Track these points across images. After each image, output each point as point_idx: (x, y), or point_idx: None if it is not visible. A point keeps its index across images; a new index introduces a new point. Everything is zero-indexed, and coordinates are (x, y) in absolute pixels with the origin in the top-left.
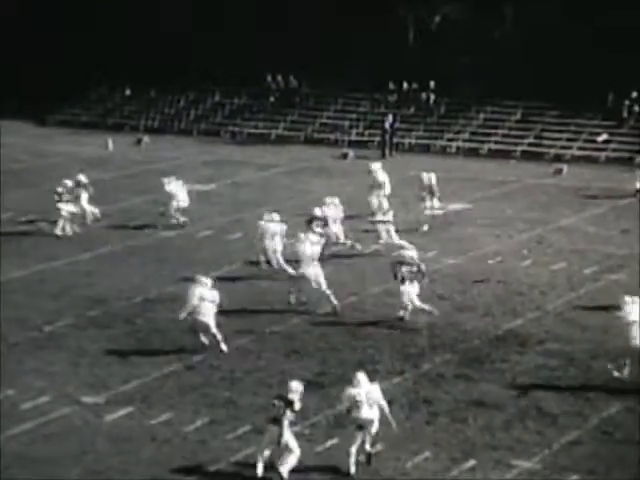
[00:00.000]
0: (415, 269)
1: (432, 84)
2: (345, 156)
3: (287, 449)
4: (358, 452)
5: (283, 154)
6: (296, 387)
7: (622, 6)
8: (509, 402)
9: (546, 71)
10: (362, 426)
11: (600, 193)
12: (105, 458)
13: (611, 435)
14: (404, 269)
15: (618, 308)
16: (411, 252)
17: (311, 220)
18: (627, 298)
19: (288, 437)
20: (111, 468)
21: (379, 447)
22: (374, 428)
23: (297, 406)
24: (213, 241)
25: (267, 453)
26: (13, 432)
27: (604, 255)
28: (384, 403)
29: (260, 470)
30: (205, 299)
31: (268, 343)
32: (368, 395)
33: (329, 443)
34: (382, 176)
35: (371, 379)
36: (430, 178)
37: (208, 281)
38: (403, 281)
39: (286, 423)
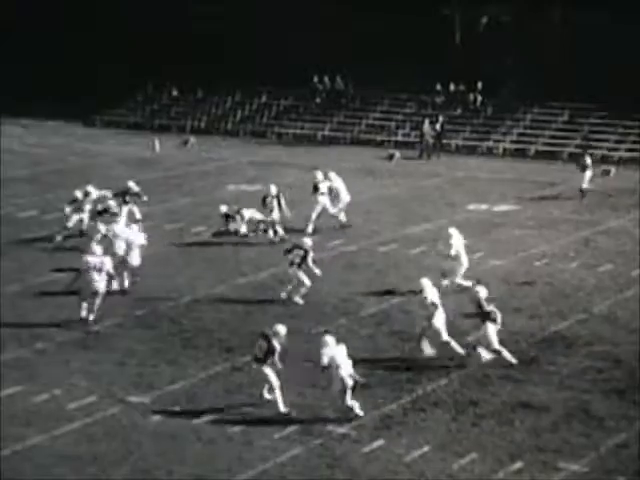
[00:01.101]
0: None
1: (479, 85)
2: (391, 157)
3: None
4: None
5: (329, 155)
6: (280, 330)
7: None
8: (556, 404)
9: (593, 72)
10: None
11: None
12: (150, 458)
13: None
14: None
15: None
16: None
17: None
18: None
19: (270, 373)
20: (156, 467)
21: (425, 449)
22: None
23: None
24: (260, 242)
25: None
26: (59, 432)
27: None
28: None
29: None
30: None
31: (314, 344)
32: (339, 355)
33: (375, 444)
34: (325, 186)
35: (416, 381)
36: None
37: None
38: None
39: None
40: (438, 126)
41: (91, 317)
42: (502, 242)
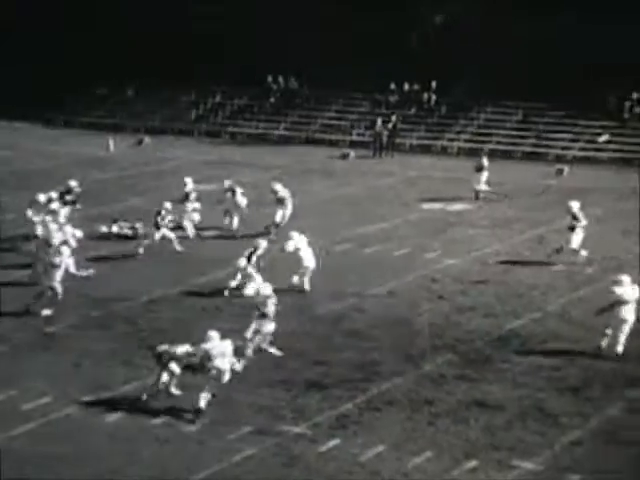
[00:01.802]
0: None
1: (433, 84)
2: (346, 156)
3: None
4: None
5: (284, 154)
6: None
7: (622, 9)
8: (510, 402)
9: (547, 72)
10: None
11: (601, 194)
12: (106, 459)
13: (612, 435)
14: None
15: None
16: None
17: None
18: (623, 277)
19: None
20: (111, 468)
21: (380, 448)
22: (226, 377)
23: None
24: (215, 243)
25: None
26: (15, 432)
27: (604, 255)
28: (234, 359)
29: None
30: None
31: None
32: (220, 349)
33: (331, 444)
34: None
35: (373, 380)
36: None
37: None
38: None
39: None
40: (391, 125)
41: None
42: (456, 241)
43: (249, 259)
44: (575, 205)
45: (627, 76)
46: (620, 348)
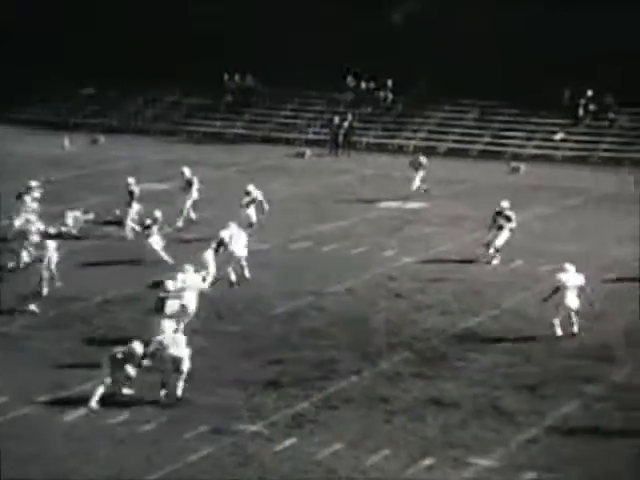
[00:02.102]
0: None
1: (389, 83)
2: (302, 155)
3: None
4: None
5: (240, 153)
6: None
7: (578, 8)
8: (466, 400)
9: (502, 70)
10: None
11: (557, 191)
12: (62, 458)
13: (568, 432)
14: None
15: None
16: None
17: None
18: (567, 265)
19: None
20: (68, 468)
21: (337, 447)
22: (184, 366)
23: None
24: (169, 241)
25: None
26: None
27: (559, 253)
28: (186, 350)
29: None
30: None
31: (226, 342)
32: (175, 340)
33: (287, 442)
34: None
35: (330, 378)
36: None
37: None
38: None
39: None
40: (347, 124)
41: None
42: (413, 239)
43: (216, 251)
44: (506, 204)
45: (581, 74)
46: (575, 328)
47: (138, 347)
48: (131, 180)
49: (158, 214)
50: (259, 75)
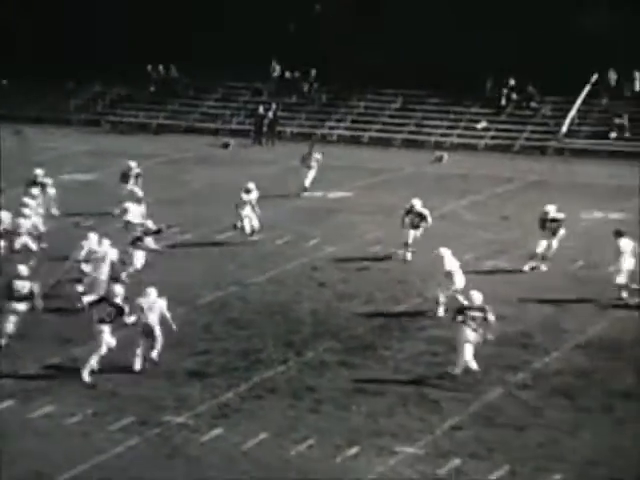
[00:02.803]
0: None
1: (313, 73)
2: (226, 145)
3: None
4: (144, 355)
5: (164, 144)
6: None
7: None
8: (392, 389)
9: (426, 59)
10: (147, 331)
11: (480, 180)
12: None
13: (492, 419)
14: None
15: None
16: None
17: None
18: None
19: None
20: None
21: (263, 436)
22: (157, 333)
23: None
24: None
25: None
26: None
27: (484, 241)
28: (167, 314)
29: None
30: None
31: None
32: (154, 305)
33: (213, 433)
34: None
35: (255, 368)
36: None
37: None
38: None
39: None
40: (271, 114)
41: None
42: (337, 228)
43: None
44: (417, 202)
45: (505, 62)
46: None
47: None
48: (39, 171)
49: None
50: (182, 65)
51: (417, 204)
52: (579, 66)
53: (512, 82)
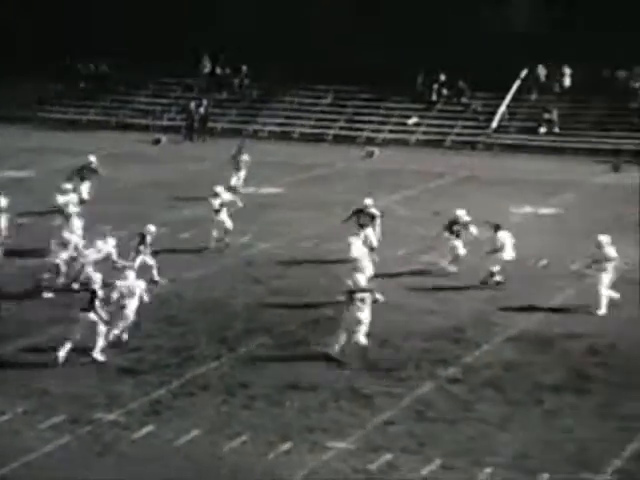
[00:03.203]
0: None
1: (244, 69)
2: (158, 141)
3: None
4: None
5: (94, 140)
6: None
7: None
8: (324, 384)
9: (357, 55)
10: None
11: (411, 175)
12: None
13: (423, 413)
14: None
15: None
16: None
17: None
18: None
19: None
20: None
21: (195, 433)
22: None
23: None
24: (31, 228)
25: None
26: None
27: (416, 237)
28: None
29: None
30: None
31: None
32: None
33: (144, 430)
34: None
35: (186, 365)
36: None
37: None
38: None
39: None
40: (203, 109)
41: None
42: (270, 225)
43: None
44: (369, 202)
45: (435, 57)
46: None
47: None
48: None
49: (152, 228)
50: (113, 61)
51: (369, 203)
52: (509, 62)
53: (443, 78)
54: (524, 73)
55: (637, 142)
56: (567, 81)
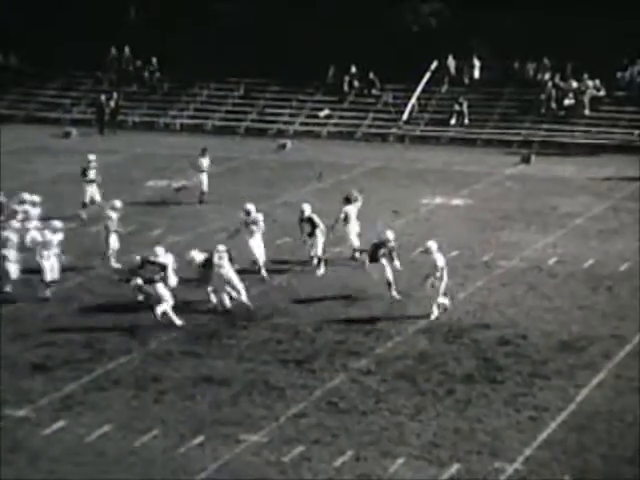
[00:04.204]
0: None
1: (154, 61)
2: (68, 135)
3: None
4: None
5: (3, 134)
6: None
7: None
8: (236, 377)
9: (267, 47)
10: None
11: (323, 167)
12: None
13: (335, 405)
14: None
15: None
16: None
17: None
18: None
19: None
20: None
21: (106, 428)
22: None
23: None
24: None
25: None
26: None
27: (328, 228)
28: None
29: None
30: None
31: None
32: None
33: (55, 426)
34: None
35: (97, 360)
36: None
37: None
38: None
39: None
40: (113, 103)
41: None
42: (181, 218)
43: None
44: (307, 207)
45: (346, 50)
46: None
47: None
48: None
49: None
50: (21, 53)
51: (307, 209)
52: (419, 54)
53: (354, 70)
54: (434, 65)
55: (546, 134)
56: (477, 73)
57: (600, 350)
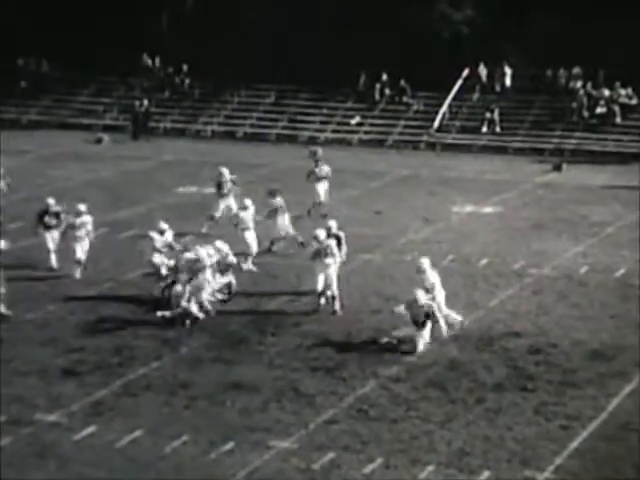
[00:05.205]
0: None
1: (185, 68)
2: (100, 141)
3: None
4: None
5: (36, 140)
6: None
7: None
8: (266, 384)
9: (299, 54)
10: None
11: (353, 175)
12: None
13: (365, 413)
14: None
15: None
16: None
17: None
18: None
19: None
20: None
21: (137, 434)
22: None
23: None
24: None
25: None
26: None
27: (358, 236)
28: None
29: None
30: None
31: (23, 332)
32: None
33: (85, 431)
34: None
35: (128, 365)
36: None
37: None
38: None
39: None
40: (144, 109)
41: None
42: (214, 224)
43: None
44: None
45: (377, 57)
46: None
47: None
48: None
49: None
50: (56, 60)
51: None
52: (451, 61)
53: (385, 77)
54: (466, 72)
55: (578, 142)
56: (508, 81)
57: (631, 359)
